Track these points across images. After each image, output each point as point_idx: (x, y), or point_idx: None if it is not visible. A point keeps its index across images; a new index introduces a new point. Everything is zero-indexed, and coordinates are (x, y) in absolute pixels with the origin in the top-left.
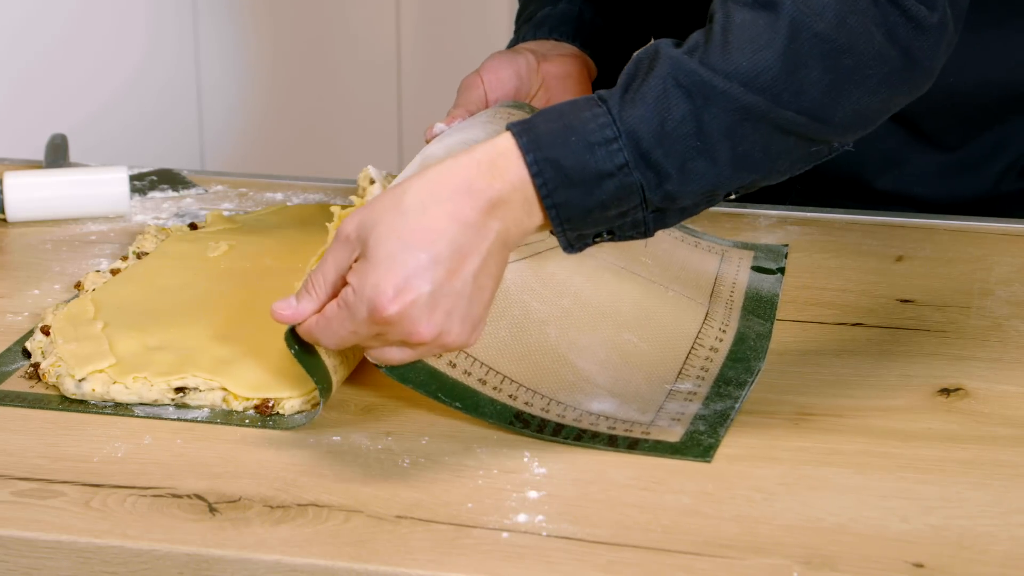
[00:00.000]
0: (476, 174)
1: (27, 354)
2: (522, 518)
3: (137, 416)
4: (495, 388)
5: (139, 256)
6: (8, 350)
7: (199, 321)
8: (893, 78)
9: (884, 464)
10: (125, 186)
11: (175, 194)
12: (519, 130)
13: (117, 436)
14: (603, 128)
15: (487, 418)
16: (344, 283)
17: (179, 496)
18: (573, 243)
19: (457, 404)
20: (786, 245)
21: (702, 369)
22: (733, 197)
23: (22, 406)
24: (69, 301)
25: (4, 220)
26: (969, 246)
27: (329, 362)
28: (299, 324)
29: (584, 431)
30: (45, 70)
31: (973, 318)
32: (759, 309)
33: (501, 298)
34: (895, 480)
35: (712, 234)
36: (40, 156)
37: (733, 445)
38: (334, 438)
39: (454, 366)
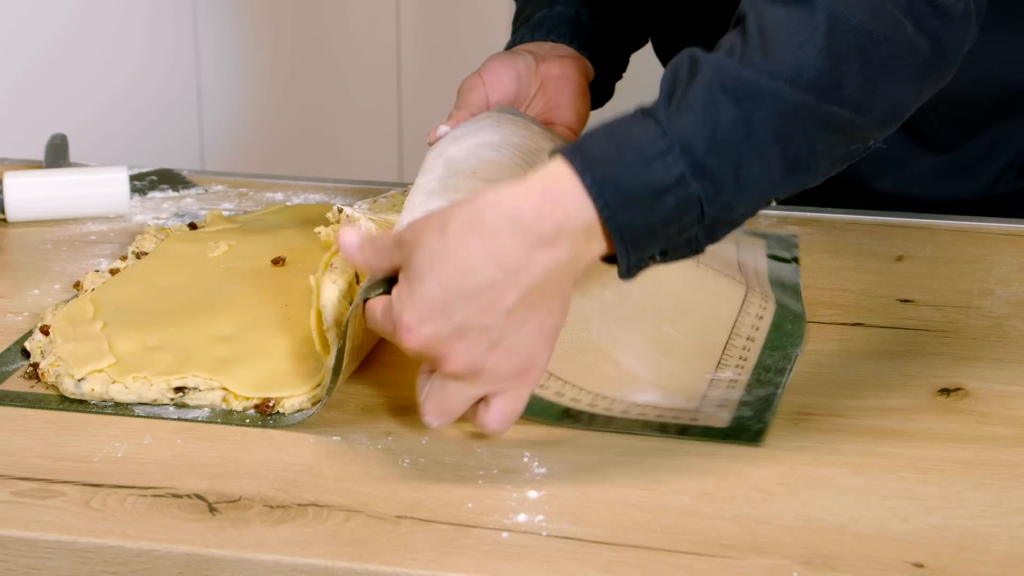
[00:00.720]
0: (526, 204)
1: (26, 354)
2: (522, 518)
3: (137, 416)
4: (541, 386)
5: (138, 256)
6: (8, 350)
7: (198, 321)
8: (924, 69)
9: (884, 464)
10: (125, 186)
11: (175, 194)
12: (572, 154)
13: (117, 436)
14: (655, 141)
15: (536, 416)
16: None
17: (179, 496)
18: (632, 268)
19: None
20: (795, 235)
21: (740, 358)
22: (773, 204)
23: (22, 406)
24: (68, 301)
25: (4, 220)
26: (969, 246)
27: (347, 359)
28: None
29: (634, 421)
30: (45, 70)
31: (973, 318)
32: (785, 295)
33: None
34: (895, 480)
35: None
36: (40, 156)
37: (733, 445)
38: (334, 438)
39: None
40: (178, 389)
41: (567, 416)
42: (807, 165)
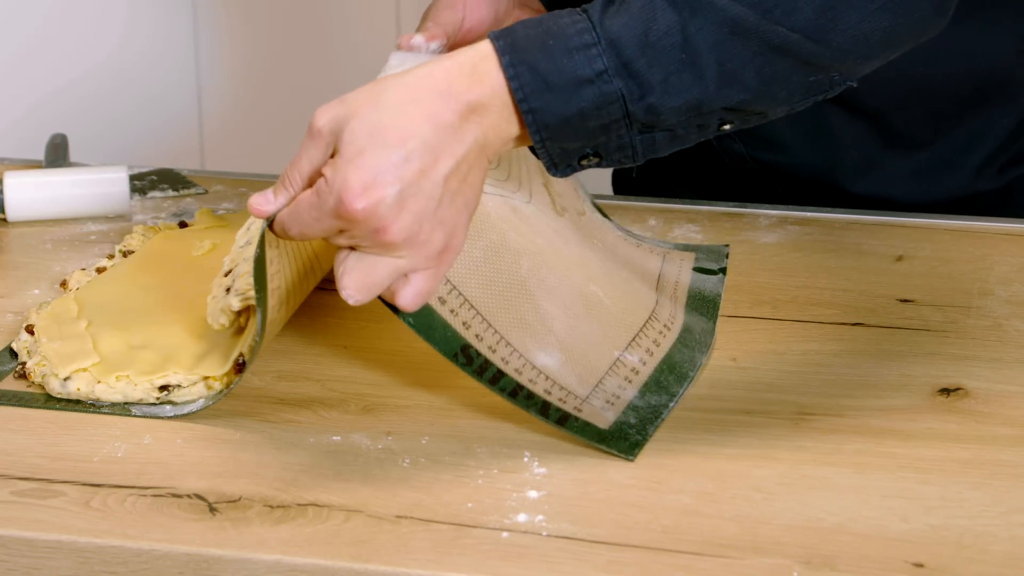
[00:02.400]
0: (456, 77)
1: (14, 354)
2: (522, 518)
3: (135, 416)
4: (452, 311)
5: (125, 255)
6: (6, 349)
7: (180, 319)
8: (896, 5)
9: (884, 464)
10: (125, 186)
11: (175, 194)
12: (498, 35)
13: (117, 436)
14: (582, 33)
15: (434, 344)
16: (320, 176)
17: (179, 496)
18: (557, 162)
19: (410, 320)
20: (727, 245)
21: (654, 343)
22: (728, 128)
23: (16, 405)
24: (52, 300)
25: (4, 220)
26: (969, 246)
27: (273, 270)
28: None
29: (521, 387)
30: (45, 70)
31: (973, 318)
32: (702, 307)
33: (480, 221)
34: (895, 480)
35: (657, 239)
36: (40, 156)
37: (733, 445)
38: (334, 438)
39: None
40: (162, 388)
41: (463, 353)
42: (748, 83)
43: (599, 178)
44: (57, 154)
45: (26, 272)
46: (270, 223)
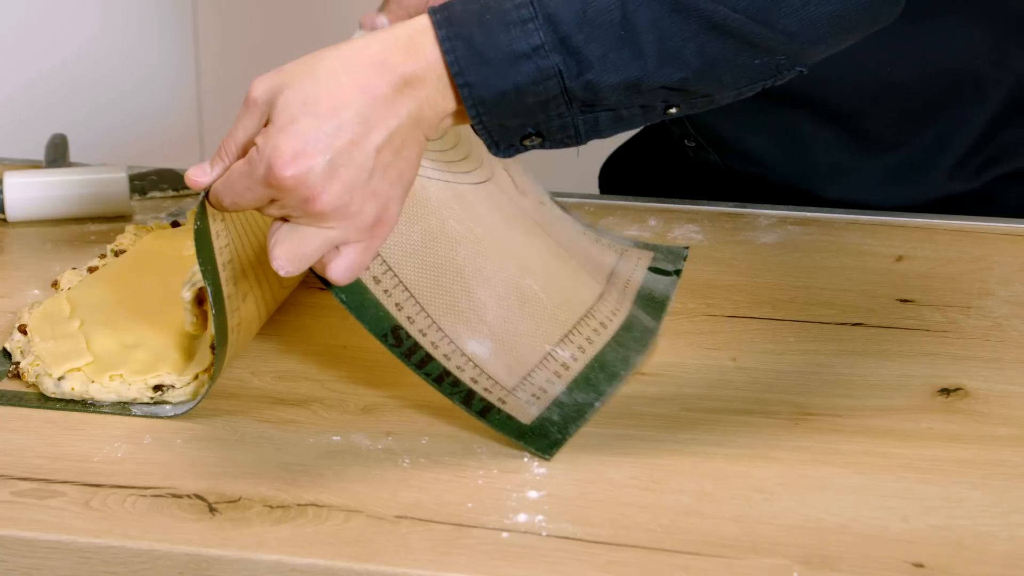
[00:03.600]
0: (393, 49)
1: (7, 354)
2: (522, 518)
3: (135, 415)
4: (386, 291)
5: (117, 254)
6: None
7: (172, 319)
8: None
9: (884, 464)
10: (125, 186)
11: (175, 194)
12: (437, 9)
13: (117, 436)
14: (520, 8)
15: (365, 323)
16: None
17: (179, 496)
18: (498, 140)
19: (343, 296)
20: (686, 247)
21: (587, 340)
22: (674, 112)
23: (13, 405)
24: (44, 300)
25: (4, 220)
26: (969, 246)
27: (220, 243)
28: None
29: (448, 373)
30: (45, 70)
31: (973, 318)
32: (649, 307)
33: (420, 205)
34: (895, 480)
35: (617, 235)
36: (40, 156)
37: (733, 445)
38: (334, 438)
39: None
40: (156, 388)
41: (392, 335)
42: (689, 62)
43: (587, 180)
44: (57, 154)
45: (26, 272)
46: (207, 195)
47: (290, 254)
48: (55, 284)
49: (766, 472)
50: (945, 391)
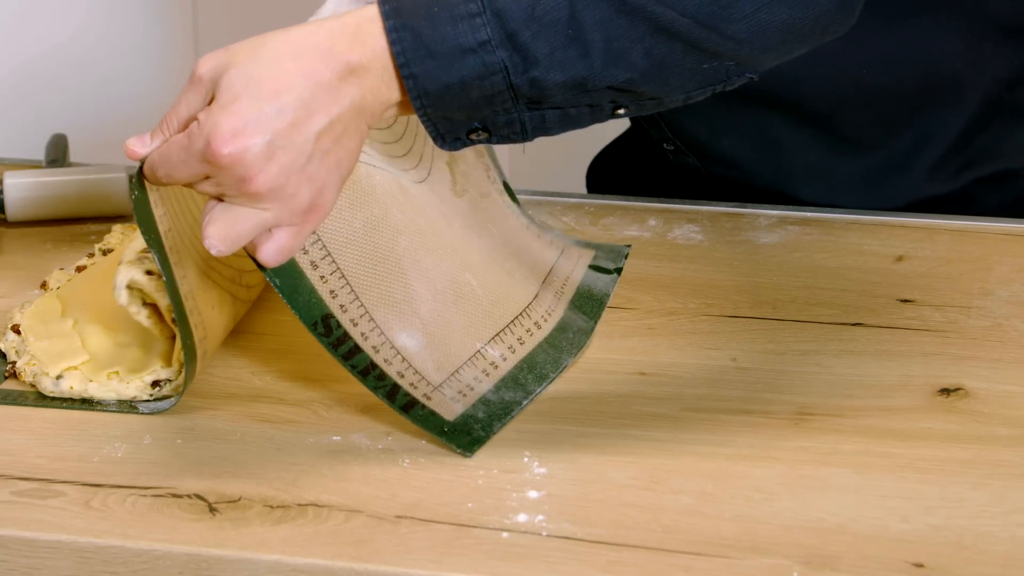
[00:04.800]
0: (339, 36)
1: (2, 355)
2: (522, 518)
3: (142, 413)
4: (323, 277)
5: (105, 253)
6: None
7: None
8: None
9: (884, 464)
10: (125, 186)
11: None
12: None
13: (117, 436)
14: (468, 2)
15: (296, 309)
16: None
17: (179, 496)
18: (444, 133)
19: (277, 281)
20: (628, 245)
21: (519, 340)
22: (623, 112)
23: (17, 404)
24: (34, 300)
25: (4, 220)
26: (969, 246)
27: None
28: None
29: (375, 366)
30: (45, 70)
31: (973, 318)
32: (586, 306)
33: (365, 193)
34: (895, 480)
35: (563, 233)
36: (40, 156)
37: (733, 445)
38: (334, 438)
39: None
40: (155, 384)
41: (322, 323)
42: (636, 63)
43: (575, 178)
44: (57, 154)
45: (26, 272)
46: (142, 167)
47: (222, 233)
48: (44, 285)
49: (766, 472)
50: (945, 391)
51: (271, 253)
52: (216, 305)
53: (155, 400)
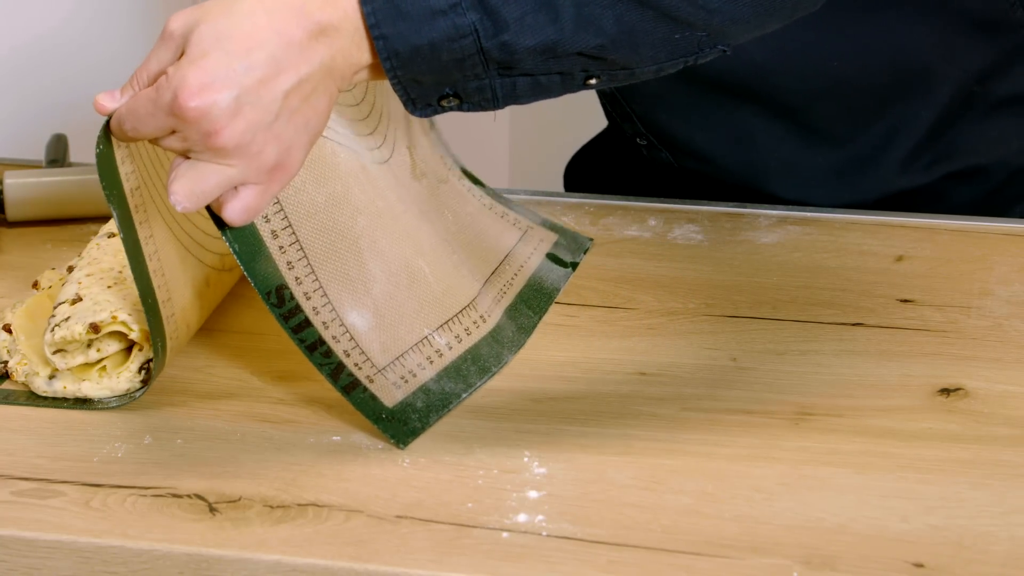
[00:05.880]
0: None
1: None
2: (522, 518)
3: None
4: (281, 248)
5: (112, 236)
6: None
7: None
8: None
9: (884, 464)
10: None
11: None
12: None
13: (117, 436)
14: None
15: (252, 277)
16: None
17: (179, 496)
18: (415, 98)
19: (236, 246)
20: (591, 239)
21: (465, 330)
22: (594, 83)
23: (22, 404)
24: (25, 300)
25: (4, 220)
26: (969, 246)
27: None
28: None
29: (322, 342)
30: (45, 70)
31: (973, 318)
32: (534, 300)
33: (329, 168)
34: (895, 480)
35: (530, 211)
36: (40, 156)
37: (733, 445)
38: (334, 438)
39: None
40: (141, 369)
41: (276, 294)
42: (606, 29)
43: (552, 178)
44: (57, 154)
45: (26, 272)
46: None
47: (188, 189)
48: (36, 284)
49: (766, 472)
50: (945, 391)
51: (236, 211)
52: (181, 265)
53: (147, 385)
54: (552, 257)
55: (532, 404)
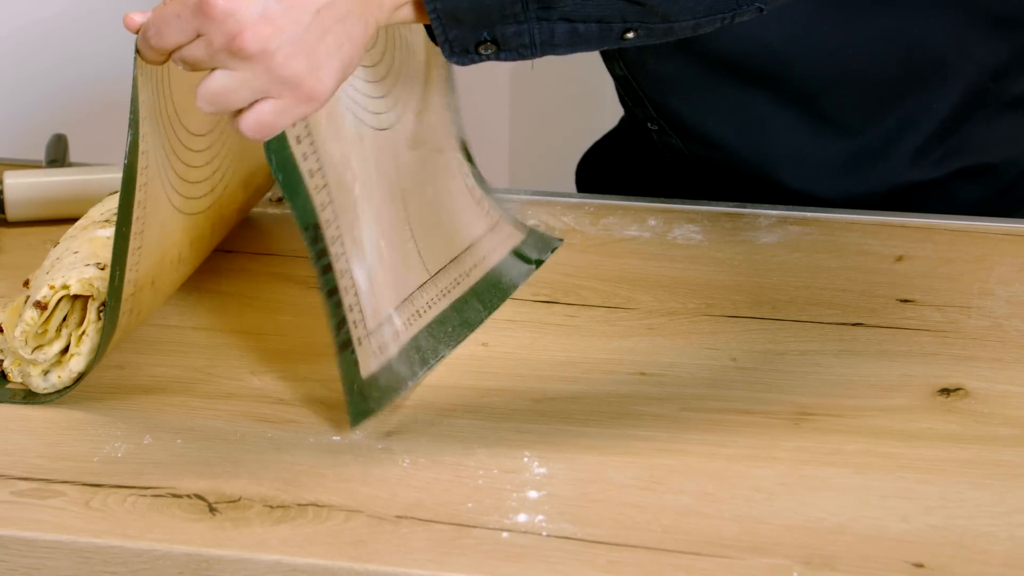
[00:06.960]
0: None
1: None
2: (522, 518)
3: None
4: (316, 188)
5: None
6: None
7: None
8: None
9: (884, 464)
10: None
11: None
12: None
13: (117, 436)
14: None
15: (295, 209)
16: None
17: (179, 496)
18: (452, 41)
19: (280, 176)
20: (560, 240)
21: (416, 314)
22: (631, 36)
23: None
24: (16, 299)
25: (4, 220)
26: (969, 246)
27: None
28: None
29: (338, 290)
30: (45, 70)
31: (973, 318)
32: (487, 294)
33: (339, 129)
34: (895, 480)
35: (507, 208)
36: (40, 156)
37: (733, 445)
38: (334, 438)
39: (299, 141)
40: (99, 312)
41: (313, 228)
42: None
43: (565, 178)
44: (57, 154)
45: (26, 272)
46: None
47: (212, 93)
48: (26, 283)
49: (766, 472)
50: (945, 391)
51: (251, 122)
52: (162, 219)
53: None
54: (517, 253)
55: (532, 404)
